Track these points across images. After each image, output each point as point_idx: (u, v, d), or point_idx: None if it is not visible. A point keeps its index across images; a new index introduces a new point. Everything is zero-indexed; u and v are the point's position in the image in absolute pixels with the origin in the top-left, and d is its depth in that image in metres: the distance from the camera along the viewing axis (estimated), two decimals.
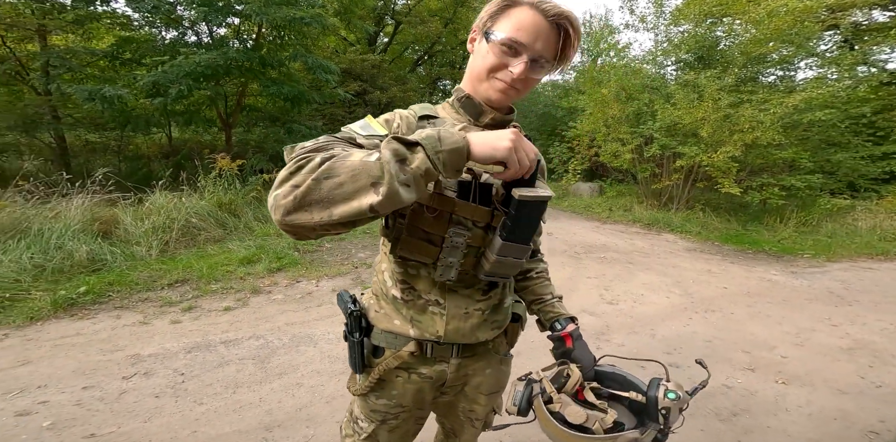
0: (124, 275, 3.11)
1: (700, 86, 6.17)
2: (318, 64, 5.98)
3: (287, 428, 1.60)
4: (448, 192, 0.66)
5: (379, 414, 0.81)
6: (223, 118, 6.68)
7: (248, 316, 2.66)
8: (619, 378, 0.80)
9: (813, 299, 3.48)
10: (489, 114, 0.72)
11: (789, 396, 2.02)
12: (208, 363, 2.06)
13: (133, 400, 1.74)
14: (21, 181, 3.96)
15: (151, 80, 5.05)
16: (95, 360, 2.05)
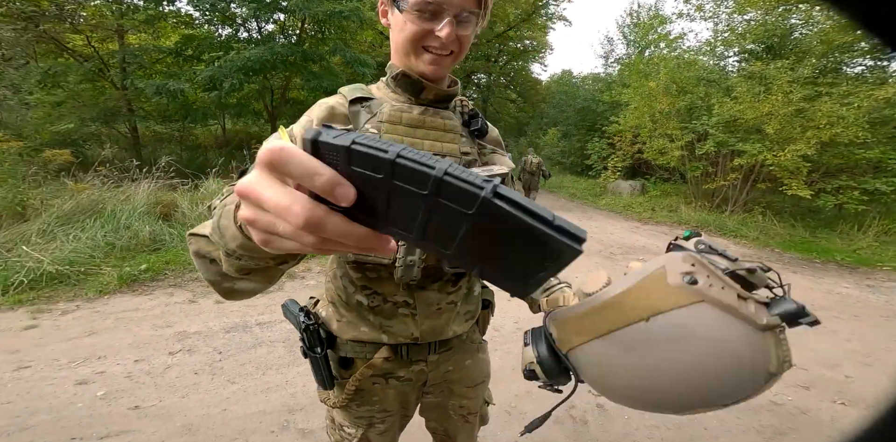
0: (179, 255, 3.38)
1: (768, 78, 5.59)
2: (356, 58, 6.15)
3: (308, 412, 1.66)
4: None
5: (364, 420, 0.78)
6: (269, 110, 7.07)
7: (282, 299, 2.78)
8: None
9: (892, 316, 3.10)
10: (431, 90, 0.64)
11: (847, 419, 1.83)
12: (244, 344, 2.18)
13: (175, 375, 1.88)
14: (99, 167, 4.43)
15: (208, 75, 5.45)
16: (148, 334, 2.24)
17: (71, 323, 2.33)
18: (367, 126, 0.63)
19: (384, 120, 0.63)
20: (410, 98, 0.66)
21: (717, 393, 0.40)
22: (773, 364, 0.38)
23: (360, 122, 0.63)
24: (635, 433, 1.68)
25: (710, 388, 0.40)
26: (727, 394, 0.40)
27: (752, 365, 0.39)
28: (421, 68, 0.62)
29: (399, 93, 0.67)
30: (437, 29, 0.56)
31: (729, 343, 0.39)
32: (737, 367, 0.39)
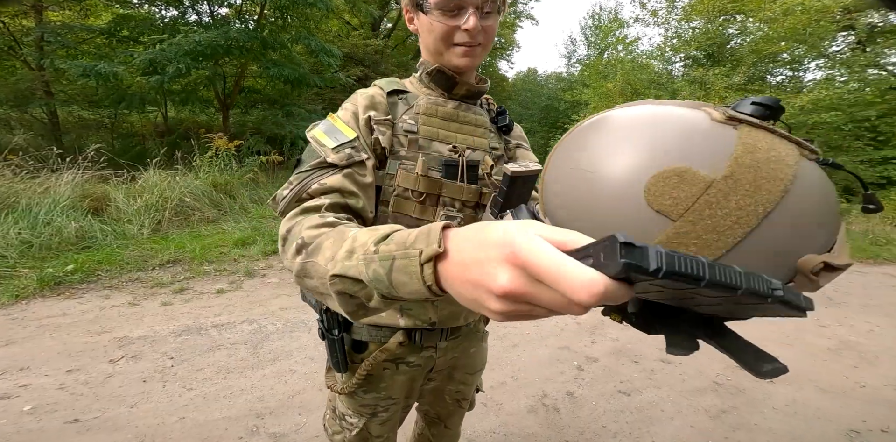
0: (114, 253, 3.05)
1: (708, 83, 6.13)
2: (321, 47, 5.89)
3: (279, 415, 1.59)
4: (433, 173, 0.63)
5: (369, 408, 0.78)
6: (221, 99, 6.57)
7: (242, 299, 2.63)
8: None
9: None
10: (463, 85, 0.68)
11: (776, 395, 2.05)
12: (199, 347, 2.03)
13: (119, 384, 1.71)
14: (10, 155, 3.85)
15: (148, 58, 4.96)
16: (81, 342, 2.01)
17: None
18: (405, 117, 0.65)
19: (421, 112, 0.66)
20: (443, 93, 0.69)
21: (666, 143, 0.35)
22: (714, 115, 0.36)
23: (398, 113, 0.66)
24: (602, 418, 1.79)
25: (655, 138, 0.35)
26: (683, 143, 0.35)
27: (694, 118, 0.36)
28: (455, 62, 0.64)
29: (432, 88, 0.70)
30: (462, 23, 0.60)
31: (665, 110, 0.39)
32: (678, 121, 0.37)
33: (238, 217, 4.32)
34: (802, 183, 0.33)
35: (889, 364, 2.41)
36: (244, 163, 5.29)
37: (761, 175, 0.32)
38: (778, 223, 0.33)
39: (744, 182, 0.32)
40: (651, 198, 0.33)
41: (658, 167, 0.33)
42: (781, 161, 0.33)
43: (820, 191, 0.35)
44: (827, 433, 1.77)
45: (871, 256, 5.27)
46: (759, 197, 0.32)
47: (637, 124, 0.38)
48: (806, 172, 0.34)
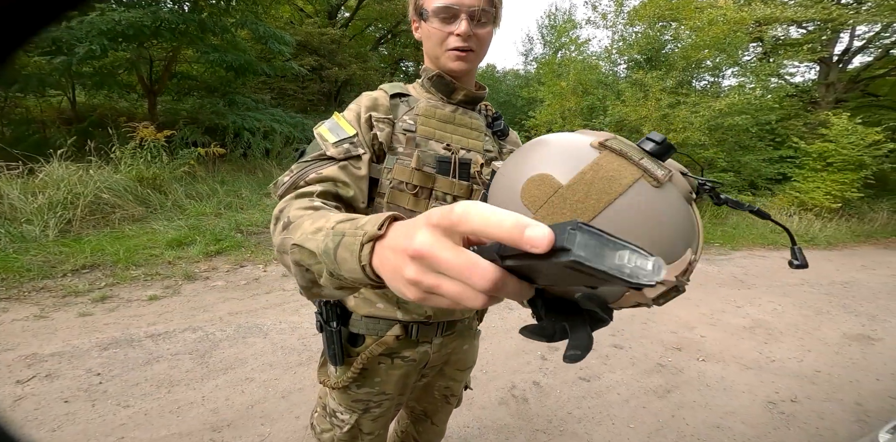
0: (10, 259, 2.60)
1: (646, 85, 6.59)
2: (271, 33, 5.45)
3: (238, 427, 1.47)
4: (427, 168, 0.68)
5: (361, 403, 0.78)
6: (146, 84, 5.81)
7: (181, 306, 2.38)
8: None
9: (722, 284, 3.94)
10: (461, 91, 0.73)
11: (708, 373, 2.25)
12: (132, 361, 1.81)
13: (34, 407, 1.49)
14: None
15: (51, 37, 4.19)
16: None
17: None
18: (406, 117, 0.70)
19: (420, 113, 0.71)
20: (443, 98, 0.74)
21: (544, 157, 0.48)
22: (592, 142, 0.47)
23: (399, 114, 0.71)
24: (567, 405, 1.88)
25: (539, 152, 0.49)
26: (554, 157, 0.48)
27: (574, 141, 0.49)
28: (449, 66, 0.70)
29: (433, 92, 0.75)
30: (455, 29, 0.65)
31: (556, 138, 0.52)
32: (561, 144, 0.50)
33: (171, 215, 3.88)
34: (627, 200, 0.42)
35: (791, 339, 2.76)
36: (177, 155, 4.75)
37: (594, 188, 0.42)
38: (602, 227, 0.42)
39: (579, 191, 0.43)
40: (523, 194, 0.45)
41: (533, 172, 0.45)
42: (616, 181, 0.43)
43: (647, 209, 0.43)
44: (751, 406, 1.98)
45: (771, 243, 6.13)
46: (587, 204, 0.42)
47: (540, 145, 0.51)
48: (635, 194, 0.43)
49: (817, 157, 7.80)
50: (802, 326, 2.99)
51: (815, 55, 8.42)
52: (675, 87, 6.76)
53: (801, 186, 7.91)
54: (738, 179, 8.19)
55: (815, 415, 1.92)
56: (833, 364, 2.43)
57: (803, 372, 2.32)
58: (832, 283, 4.22)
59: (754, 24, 7.79)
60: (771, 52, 9.28)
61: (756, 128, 7.59)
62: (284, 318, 2.33)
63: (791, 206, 7.75)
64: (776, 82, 9.15)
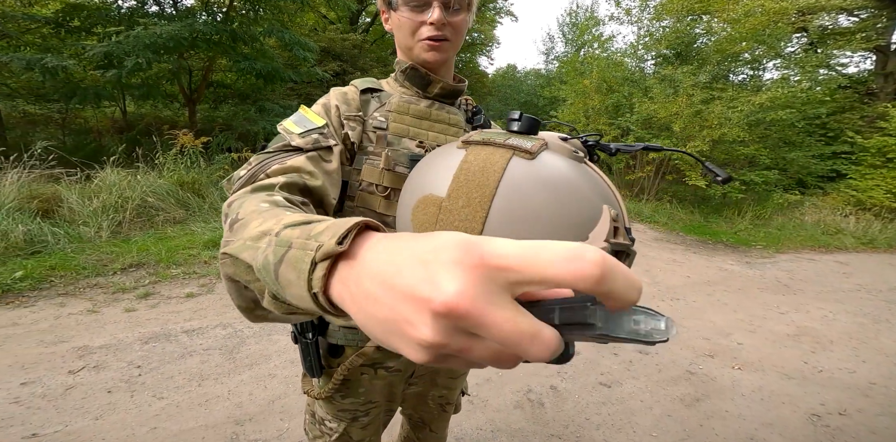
0: (69, 258, 2.84)
1: (676, 81, 6.32)
2: (296, 40, 5.66)
3: (259, 421, 1.53)
4: (400, 168, 0.63)
5: (348, 413, 0.76)
6: (186, 94, 6.22)
7: (214, 303, 2.51)
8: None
9: (764, 288, 3.69)
10: (437, 83, 0.67)
11: (744, 382, 2.12)
12: (168, 354, 1.92)
13: (81, 396, 1.60)
14: None
15: (103, 51, 4.60)
16: (36, 353, 1.87)
17: None
18: (376, 114, 0.65)
19: (392, 110, 0.66)
20: (418, 92, 0.69)
21: (422, 176, 0.47)
22: (457, 143, 0.46)
23: (370, 110, 0.66)
24: (585, 410, 1.82)
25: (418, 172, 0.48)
26: (429, 172, 0.46)
27: (446, 152, 0.47)
28: (423, 57, 0.64)
29: (408, 86, 0.70)
30: (428, 17, 0.61)
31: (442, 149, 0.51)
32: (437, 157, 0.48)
33: (208, 217, 4.11)
34: (508, 184, 0.38)
35: (842, 349, 2.56)
36: (213, 160, 5.05)
37: (472, 185, 0.38)
38: (497, 223, 0.38)
39: (461, 195, 0.38)
40: (414, 224, 0.41)
41: (417, 198, 0.42)
42: (489, 169, 0.39)
43: (533, 184, 0.38)
44: (791, 418, 1.85)
45: (822, 245, 5.66)
46: (473, 207, 0.38)
47: (417, 166, 0.48)
48: (513, 173, 0.39)
49: (876, 152, 7.17)
50: (857, 335, 2.76)
51: (869, 44, 7.76)
52: (708, 82, 6.42)
53: (858, 184, 7.29)
54: (783, 177, 7.67)
55: (865, 429, 1.77)
56: (891, 376, 2.24)
57: (856, 384, 2.14)
58: (893, 289, 3.85)
59: (797, 14, 7.25)
60: (818, 42, 8.60)
61: (803, 122, 7.06)
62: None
63: (846, 205, 7.15)
64: (826, 74, 8.47)
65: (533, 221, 0.37)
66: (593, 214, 0.39)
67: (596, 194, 0.41)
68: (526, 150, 0.40)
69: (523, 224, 0.37)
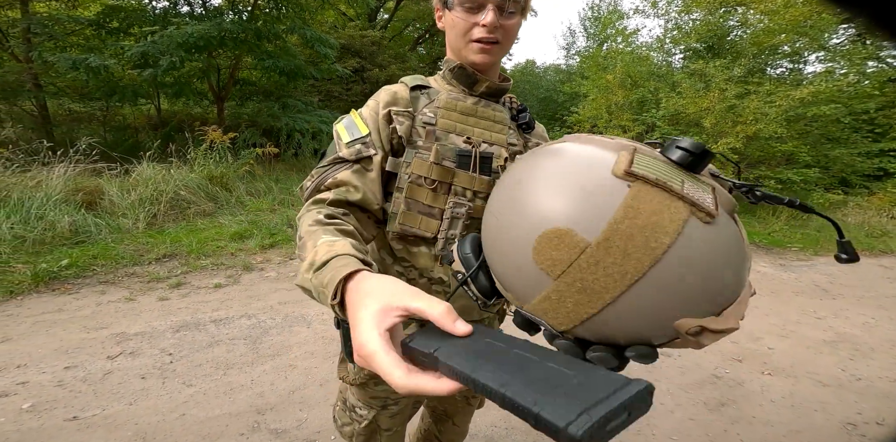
0: (109, 248, 3.02)
1: (708, 75, 6.06)
2: (317, 37, 5.78)
3: (279, 411, 1.58)
4: (447, 162, 0.65)
5: (379, 400, 0.79)
6: (215, 91, 6.46)
7: (240, 294, 2.61)
8: None
9: (799, 292, 3.52)
10: (483, 82, 0.70)
11: (774, 387, 2.05)
12: (197, 343, 2.02)
13: (118, 381, 1.70)
14: (0, 149, 3.77)
15: (140, 51, 4.86)
16: (79, 338, 1.99)
17: None
18: (426, 110, 0.68)
19: (440, 106, 0.69)
20: (465, 89, 0.71)
21: (555, 195, 0.37)
22: (615, 167, 0.35)
23: (419, 106, 0.69)
24: None
25: (547, 187, 0.37)
26: (571, 199, 0.36)
27: (591, 166, 0.37)
28: (471, 58, 0.66)
29: (454, 85, 0.72)
30: (481, 19, 0.62)
31: (569, 152, 0.40)
32: (574, 167, 0.38)
33: (234, 210, 4.27)
34: (679, 252, 0.32)
35: (884, 356, 2.42)
36: (240, 155, 5.22)
37: (634, 243, 0.32)
38: (646, 291, 0.33)
39: (615, 249, 0.33)
40: (536, 256, 0.35)
41: (546, 226, 0.35)
42: (660, 229, 0.32)
43: (702, 259, 0.33)
44: (824, 426, 1.77)
45: (866, 248, 5.32)
46: (627, 266, 0.32)
47: (543, 173, 0.39)
48: (687, 241, 0.33)
49: None
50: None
51: None
52: (743, 77, 6.10)
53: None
54: (825, 176, 7.24)
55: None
56: None
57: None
58: None
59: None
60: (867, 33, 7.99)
61: (849, 118, 6.62)
62: (326, 309, 2.44)
63: (894, 206, 6.67)
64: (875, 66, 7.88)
65: (683, 297, 0.34)
66: (735, 293, 0.35)
67: (743, 270, 0.36)
68: (707, 210, 0.34)
69: (670, 297, 0.33)
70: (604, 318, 0.35)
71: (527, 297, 0.39)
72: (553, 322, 0.38)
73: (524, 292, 0.39)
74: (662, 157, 0.37)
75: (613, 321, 0.35)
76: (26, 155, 3.85)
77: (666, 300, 0.34)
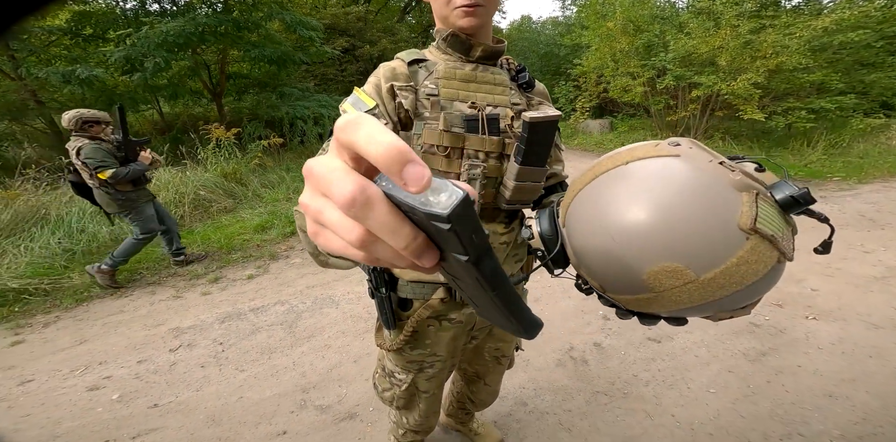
0: (149, 252, 3.20)
1: (716, 13, 5.72)
2: (298, 21, 5.56)
3: (321, 389, 1.69)
4: (456, 129, 0.67)
5: (416, 364, 0.84)
6: (210, 88, 6.40)
7: (271, 282, 2.75)
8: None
9: (844, 225, 3.27)
10: (478, 47, 0.71)
11: (820, 333, 1.91)
12: (242, 331, 2.16)
13: (183, 371, 1.86)
14: (26, 170, 3.98)
15: (123, 56, 4.78)
16: (142, 335, 2.17)
17: (57, 334, 2.22)
18: (426, 82, 0.69)
19: (440, 76, 0.70)
20: (461, 57, 0.72)
21: (683, 236, 0.40)
22: (741, 220, 0.38)
23: (420, 79, 0.70)
24: (633, 367, 1.76)
25: (674, 231, 0.40)
26: (695, 241, 0.39)
27: (717, 214, 0.39)
28: (459, 24, 0.67)
29: (450, 53, 0.73)
30: None
31: (695, 187, 0.41)
32: (702, 210, 0.40)
33: (253, 204, 4.41)
34: (752, 286, 0.40)
35: None
36: (247, 150, 5.28)
37: (732, 281, 0.39)
38: (712, 305, 0.42)
39: (716, 284, 0.39)
40: (648, 278, 0.41)
41: (664, 261, 0.40)
42: (757, 272, 0.39)
43: (764, 286, 0.42)
44: (879, 373, 1.65)
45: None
46: (716, 294, 0.40)
47: (674, 212, 0.41)
48: (766, 276, 0.40)
49: None
50: None
51: None
52: (756, 11, 5.67)
53: None
54: (864, 101, 6.67)
55: None
56: None
57: None
58: None
59: None
60: None
61: (882, 42, 5.99)
62: (351, 288, 2.56)
63: None
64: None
65: (729, 306, 0.43)
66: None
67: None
68: (789, 256, 0.40)
69: (718, 306, 0.43)
70: (665, 312, 0.45)
71: (616, 291, 0.47)
72: (628, 306, 0.48)
73: (617, 288, 0.46)
74: (773, 201, 0.41)
75: (670, 313, 0.46)
76: (50, 173, 4.05)
77: (710, 308, 0.43)
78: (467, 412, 1.28)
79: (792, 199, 0.40)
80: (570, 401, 1.60)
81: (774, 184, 0.43)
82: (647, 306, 0.45)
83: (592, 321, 2.10)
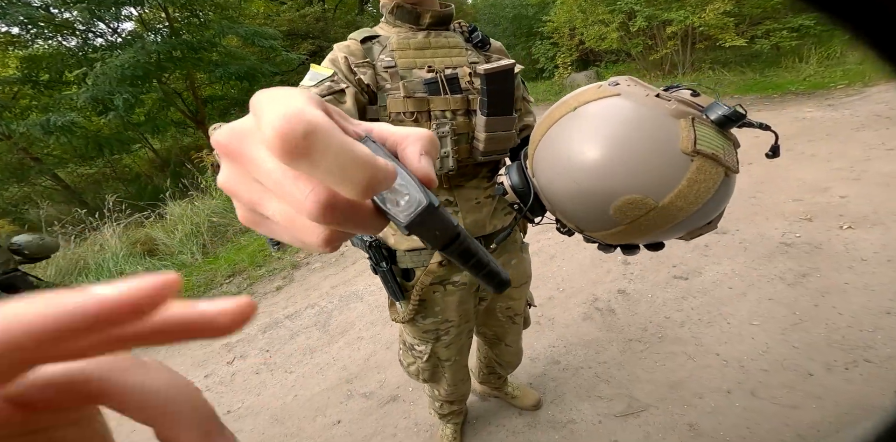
0: (185, 281, 3.41)
1: None
2: (254, 32, 5.48)
3: (362, 378, 1.77)
4: (418, 94, 0.69)
5: (431, 333, 0.87)
6: (190, 116, 6.41)
7: (298, 289, 2.85)
8: None
9: (860, 127, 3.14)
10: (426, 13, 0.71)
11: (861, 243, 1.73)
12: (282, 337, 2.27)
13: (242, 379, 1.99)
14: (51, 227, 4.20)
15: (89, 97, 4.75)
16: (201, 353, 2.32)
17: None
18: (382, 56, 0.70)
19: (394, 49, 0.71)
20: (412, 26, 0.73)
21: (634, 169, 0.44)
22: (682, 144, 0.43)
23: (375, 55, 0.71)
24: (663, 309, 1.66)
25: (626, 164, 0.44)
26: (647, 171, 0.44)
27: (660, 142, 0.44)
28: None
29: (400, 24, 0.74)
30: None
31: (638, 122, 0.45)
32: (648, 142, 0.44)
33: None
34: (709, 203, 0.44)
35: None
36: None
37: (686, 201, 0.43)
38: (679, 228, 0.47)
39: (672, 208, 0.43)
40: (614, 212, 0.46)
41: (626, 194, 0.44)
42: (705, 191, 0.43)
43: (720, 200, 0.46)
44: None
45: None
46: (677, 216, 0.44)
47: (624, 148, 0.45)
48: (716, 193, 0.44)
49: None
50: None
51: None
52: None
53: None
54: None
55: None
56: None
57: None
58: None
59: None
60: None
61: None
62: (371, 280, 2.63)
63: None
64: None
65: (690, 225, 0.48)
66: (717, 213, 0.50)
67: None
68: (734, 170, 0.44)
69: (682, 229, 0.48)
70: (641, 241, 0.51)
71: (592, 229, 0.51)
72: (607, 241, 0.53)
73: (591, 226, 0.51)
74: (709, 122, 0.45)
75: (646, 241, 0.52)
76: (73, 226, 4.27)
77: (680, 228, 0.49)
78: (499, 376, 1.31)
79: (725, 118, 0.44)
80: (603, 353, 1.54)
81: (708, 106, 0.46)
82: (623, 238, 0.50)
83: (612, 268, 2.03)
